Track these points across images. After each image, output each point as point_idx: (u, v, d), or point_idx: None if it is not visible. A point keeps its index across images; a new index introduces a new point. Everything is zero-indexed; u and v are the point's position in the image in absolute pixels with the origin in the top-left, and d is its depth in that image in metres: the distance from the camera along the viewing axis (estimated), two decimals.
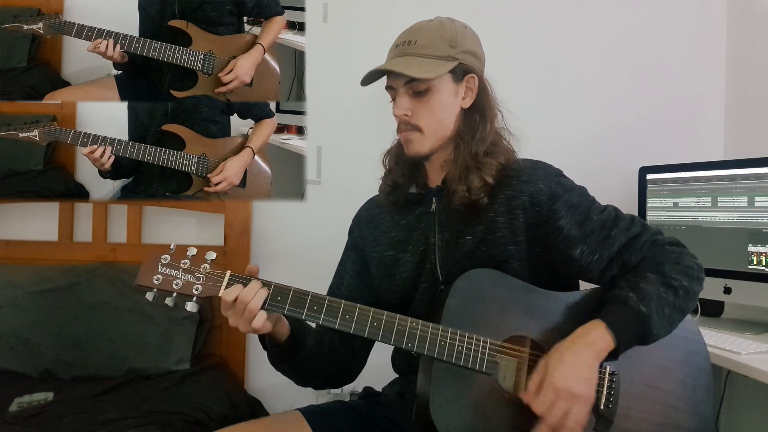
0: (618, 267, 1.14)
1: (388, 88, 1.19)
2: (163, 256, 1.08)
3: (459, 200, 1.15)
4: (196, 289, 1.06)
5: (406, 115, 1.16)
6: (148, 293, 1.06)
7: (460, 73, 1.17)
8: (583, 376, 1.00)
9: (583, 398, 1.00)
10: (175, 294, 1.06)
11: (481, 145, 1.16)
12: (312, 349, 1.17)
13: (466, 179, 1.14)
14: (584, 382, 1.00)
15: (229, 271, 1.08)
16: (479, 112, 1.19)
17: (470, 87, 1.18)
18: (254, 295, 1.03)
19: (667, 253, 1.12)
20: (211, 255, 1.09)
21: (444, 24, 1.17)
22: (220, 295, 1.05)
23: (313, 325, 1.16)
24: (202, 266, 1.08)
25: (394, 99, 1.19)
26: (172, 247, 1.09)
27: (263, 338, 1.14)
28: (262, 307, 1.04)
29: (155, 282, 1.06)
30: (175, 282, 1.07)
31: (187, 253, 1.09)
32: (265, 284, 1.06)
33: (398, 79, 1.15)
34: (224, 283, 1.06)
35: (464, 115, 1.19)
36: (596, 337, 1.03)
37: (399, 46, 1.16)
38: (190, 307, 1.07)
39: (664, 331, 1.08)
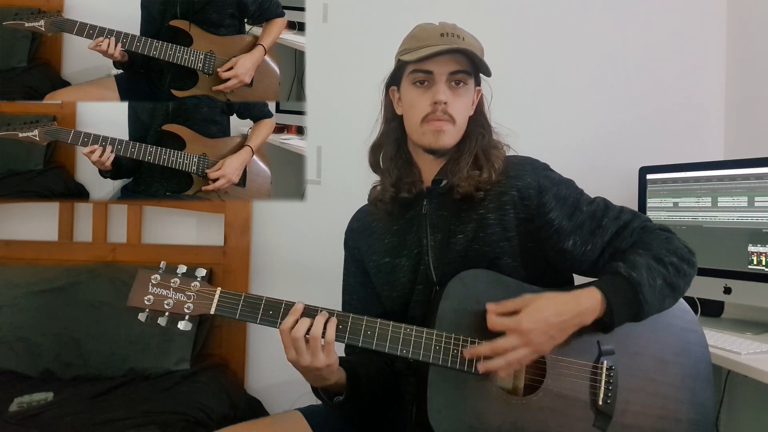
0: (610, 254, 1.15)
1: (422, 72, 1.15)
2: (153, 276, 1.09)
3: (468, 187, 1.15)
4: (188, 308, 1.07)
5: (445, 103, 1.15)
6: (140, 314, 1.08)
7: (476, 82, 1.21)
8: (550, 333, 1.02)
9: (535, 347, 1.02)
10: (167, 314, 1.07)
11: (490, 140, 1.21)
12: (368, 385, 1.17)
13: (480, 168, 1.16)
14: (547, 338, 1.02)
15: (219, 289, 1.08)
16: (483, 117, 1.24)
17: (476, 97, 1.23)
18: (322, 324, 1.04)
19: (657, 235, 1.14)
20: (201, 272, 1.10)
21: (474, 36, 1.19)
22: (211, 312, 1.06)
23: None
24: (192, 284, 1.08)
25: (421, 83, 1.16)
26: (161, 266, 1.10)
27: (319, 394, 1.15)
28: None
29: (146, 303, 1.07)
30: (166, 302, 1.07)
31: (177, 271, 1.09)
32: (254, 298, 1.07)
33: (443, 66, 1.14)
34: (215, 301, 1.07)
35: (471, 120, 1.22)
36: (588, 306, 1.04)
37: (446, 36, 1.14)
38: (183, 326, 1.07)
39: (658, 303, 1.08)
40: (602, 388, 1.09)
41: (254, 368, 2.09)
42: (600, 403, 1.08)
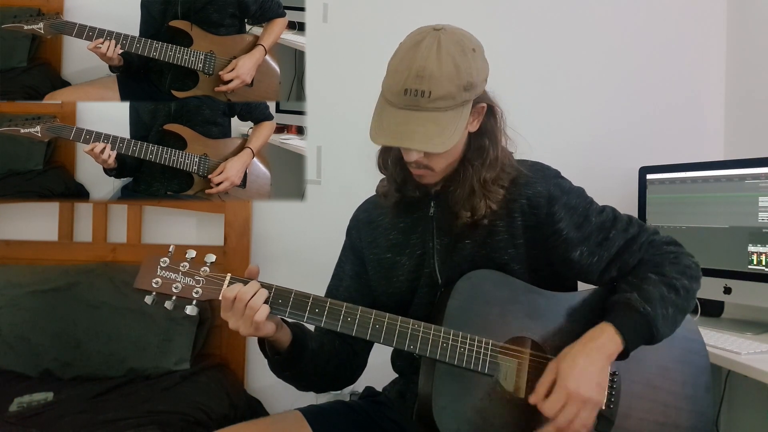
0: (617, 269, 1.14)
1: None
2: (162, 259, 1.07)
3: (461, 225, 1.13)
4: (196, 293, 1.05)
5: (418, 160, 1.09)
6: (147, 297, 1.05)
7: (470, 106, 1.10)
8: (595, 381, 1.01)
9: (593, 402, 1.01)
10: (174, 297, 1.05)
11: (490, 171, 1.12)
12: (314, 354, 1.17)
13: (471, 203, 1.12)
14: (595, 387, 1.01)
15: (229, 274, 1.07)
16: (488, 136, 1.13)
17: (478, 112, 1.12)
18: (254, 293, 1.03)
19: (666, 253, 1.13)
20: (211, 257, 1.08)
21: (458, 65, 1.03)
22: (220, 298, 1.04)
23: (313, 328, 1.16)
24: (202, 269, 1.06)
25: None
26: (171, 249, 1.08)
27: (264, 346, 1.14)
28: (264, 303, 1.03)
29: (154, 285, 1.05)
30: (174, 285, 1.05)
31: (186, 256, 1.07)
32: (266, 287, 1.06)
33: None
34: (224, 286, 1.05)
35: (471, 138, 1.14)
36: (606, 340, 1.04)
37: (409, 94, 1.03)
38: (190, 310, 1.05)
39: (669, 331, 1.09)
40: (605, 393, 1.09)
41: (254, 368, 2.09)
42: (603, 407, 1.09)
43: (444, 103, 1.03)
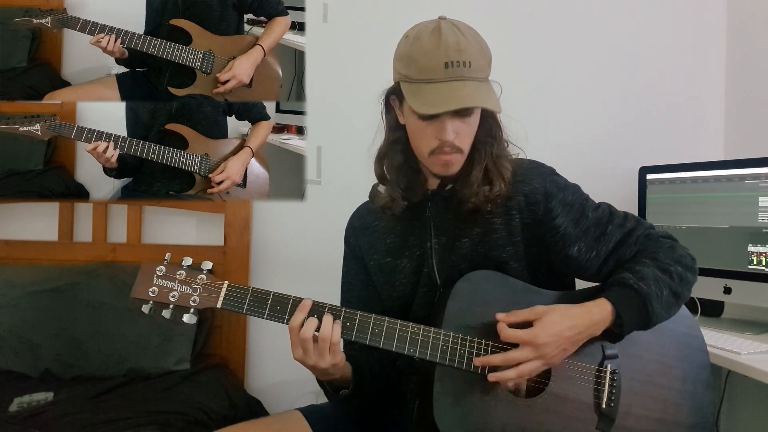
0: (614, 262, 1.15)
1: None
2: (158, 268, 1.06)
3: (473, 203, 1.12)
4: (194, 301, 1.05)
5: (452, 142, 1.08)
6: (144, 306, 1.05)
7: None
8: (563, 346, 1.04)
9: (547, 359, 1.03)
10: (171, 306, 1.05)
11: (500, 148, 1.15)
12: (371, 376, 1.17)
13: (490, 182, 1.12)
14: (559, 350, 1.04)
15: (226, 282, 1.07)
16: (491, 117, 1.16)
17: None
18: (331, 326, 1.04)
19: (661, 243, 1.15)
20: (207, 265, 1.08)
21: (480, 42, 1.09)
22: (218, 306, 1.05)
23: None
24: (199, 277, 1.06)
25: (425, 118, 1.08)
26: (167, 258, 1.08)
27: (325, 387, 1.15)
28: None
29: (151, 294, 1.05)
30: (171, 294, 1.05)
31: (183, 263, 1.08)
32: (262, 293, 1.06)
33: None
34: (222, 294, 1.05)
35: (481, 123, 1.15)
36: (599, 319, 1.05)
37: (451, 66, 1.04)
38: (187, 318, 1.05)
39: (665, 313, 1.09)
40: (606, 391, 1.09)
41: (254, 368, 2.09)
42: (603, 405, 1.09)
43: (480, 74, 1.08)
